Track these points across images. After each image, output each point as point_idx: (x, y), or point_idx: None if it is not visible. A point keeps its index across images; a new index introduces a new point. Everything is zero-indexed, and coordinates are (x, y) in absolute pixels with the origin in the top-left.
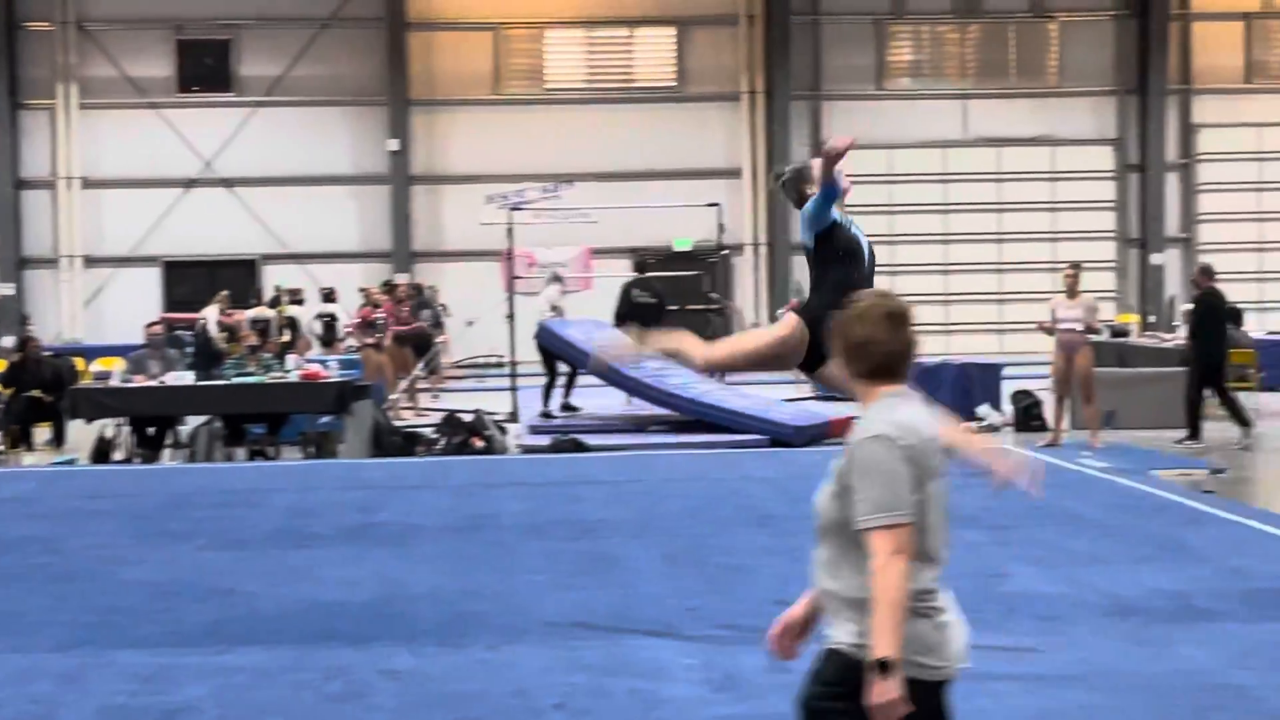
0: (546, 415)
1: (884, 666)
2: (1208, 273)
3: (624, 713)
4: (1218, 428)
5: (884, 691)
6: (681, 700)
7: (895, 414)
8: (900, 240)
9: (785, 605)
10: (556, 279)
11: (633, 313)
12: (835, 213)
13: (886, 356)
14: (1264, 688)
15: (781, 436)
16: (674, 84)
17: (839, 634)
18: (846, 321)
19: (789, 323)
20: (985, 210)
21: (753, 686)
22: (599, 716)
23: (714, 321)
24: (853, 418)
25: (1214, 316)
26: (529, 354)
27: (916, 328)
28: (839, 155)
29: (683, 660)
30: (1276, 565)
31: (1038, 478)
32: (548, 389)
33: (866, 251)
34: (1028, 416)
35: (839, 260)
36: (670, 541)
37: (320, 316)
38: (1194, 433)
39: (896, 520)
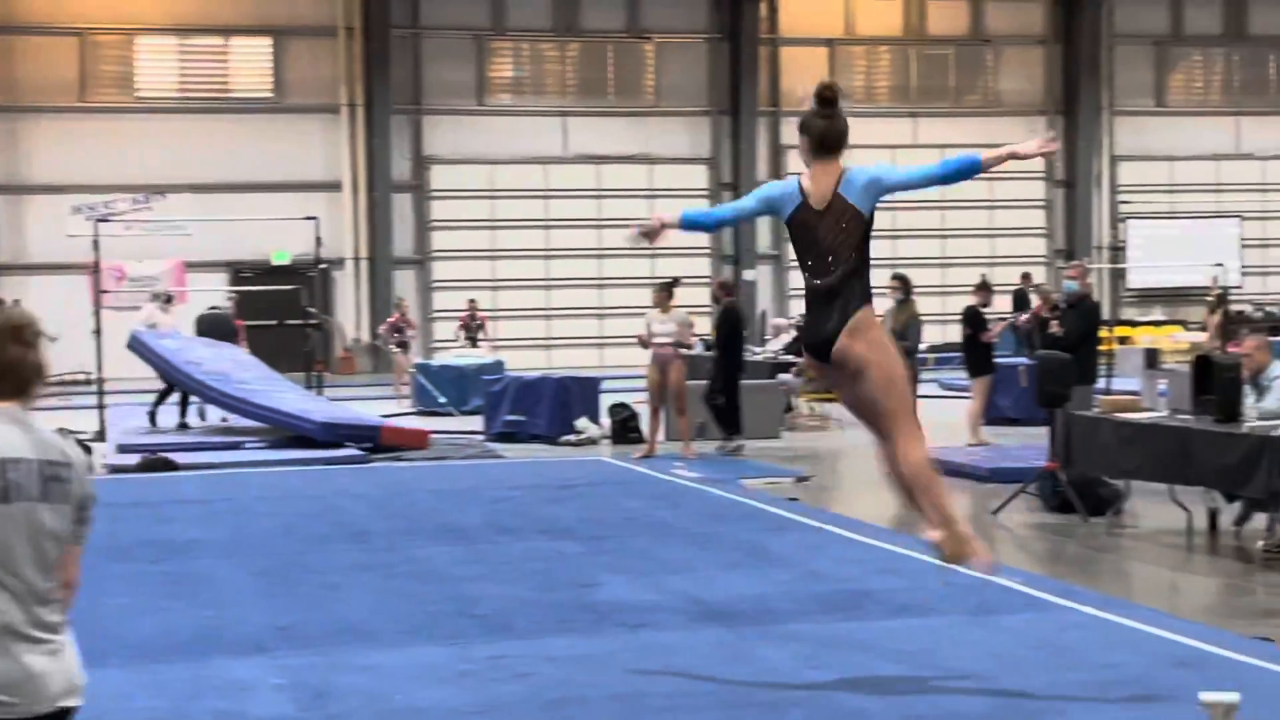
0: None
1: None
2: (727, 287)
3: None
4: (806, 437)
5: None
6: (267, 719)
7: None
8: (502, 255)
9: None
10: (156, 298)
11: (208, 325)
12: None
13: None
14: (836, 684)
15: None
16: (271, 95)
17: None
18: None
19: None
20: (586, 226)
21: (341, 703)
22: None
23: (313, 337)
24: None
25: (734, 329)
26: (117, 370)
27: (25, 348)
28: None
29: (271, 679)
30: (850, 568)
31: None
32: (162, 396)
33: None
34: (625, 428)
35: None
36: (263, 560)
37: None
38: (733, 432)
39: None
